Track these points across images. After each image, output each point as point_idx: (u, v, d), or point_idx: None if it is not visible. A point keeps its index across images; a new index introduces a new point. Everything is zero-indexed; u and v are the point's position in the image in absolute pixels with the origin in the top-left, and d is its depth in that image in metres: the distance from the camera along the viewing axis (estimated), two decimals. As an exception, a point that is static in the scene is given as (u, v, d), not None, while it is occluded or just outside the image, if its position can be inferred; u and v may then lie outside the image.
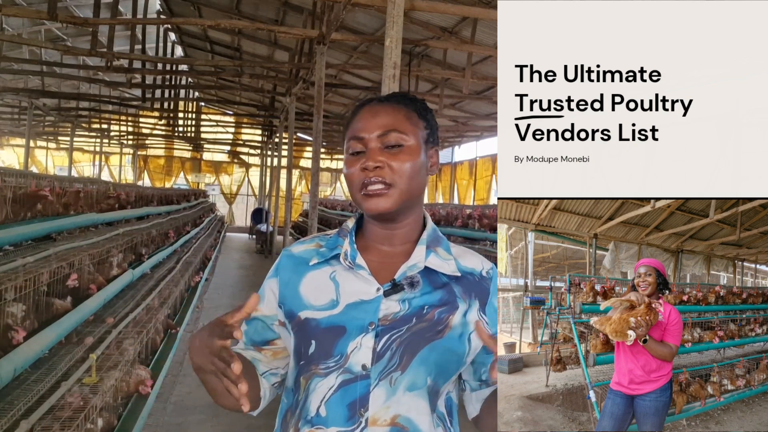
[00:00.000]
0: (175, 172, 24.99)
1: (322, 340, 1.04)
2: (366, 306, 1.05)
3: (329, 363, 1.03)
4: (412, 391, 1.02)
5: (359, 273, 1.08)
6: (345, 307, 1.06)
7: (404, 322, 1.04)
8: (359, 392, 1.01)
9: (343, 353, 1.03)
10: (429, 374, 1.03)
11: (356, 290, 1.07)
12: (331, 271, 1.10)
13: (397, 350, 1.02)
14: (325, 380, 1.03)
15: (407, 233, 1.12)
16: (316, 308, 1.07)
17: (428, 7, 5.39)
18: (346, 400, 1.01)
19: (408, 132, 1.09)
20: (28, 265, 3.44)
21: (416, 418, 1.02)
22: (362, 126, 1.09)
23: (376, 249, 1.13)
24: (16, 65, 12.37)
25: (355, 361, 1.02)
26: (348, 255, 1.10)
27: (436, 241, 1.13)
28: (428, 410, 1.03)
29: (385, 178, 1.05)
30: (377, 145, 1.07)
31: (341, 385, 1.02)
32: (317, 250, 1.14)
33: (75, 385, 3.26)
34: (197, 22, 8.49)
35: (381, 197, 1.05)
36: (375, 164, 1.05)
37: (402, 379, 1.02)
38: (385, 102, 1.12)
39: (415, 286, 1.06)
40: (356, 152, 1.08)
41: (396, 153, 1.07)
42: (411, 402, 1.02)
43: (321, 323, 1.05)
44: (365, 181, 1.05)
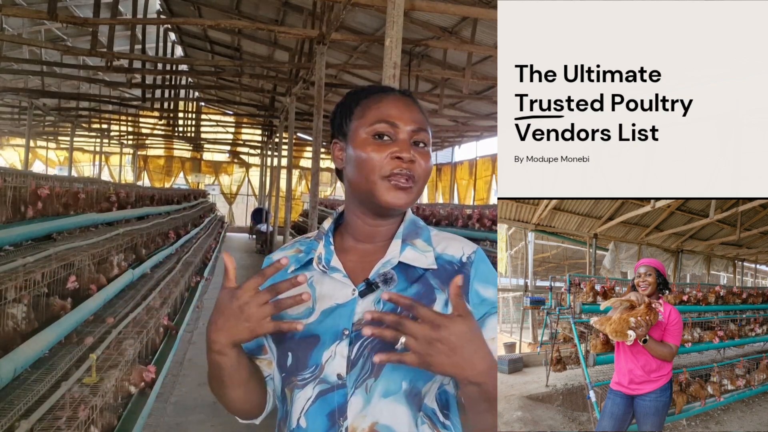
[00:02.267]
0: (175, 172, 24.98)
1: (297, 351, 1.03)
2: (341, 311, 1.03)
3: (305, 374, 1.01)
4: (388, 397, 0.99)
5: (334, 276, 1.06)
6: (320, 315, 1.03)
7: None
8: (337, 401, 0.99)
9: (317, 364, 1.01)
10: (404, 378, 0.99)
11: (332, 294, 1.05)
12: (309, 277, 1.07)
13: (369, 356, 0.99)
14: (303, 391, 1.01)
15: (390, 229, 1.10)
16: (293, 318, 1.04)
17: (428, 7, 5.39)
18: (325, 410, 0.99)
19: (428, 134, 1.08)
20: (27, 265, 3.44)
21: (394, 424, 0.99)
22: (397, 114, 1.05)
23: (355, 248, 1.10)
24: (16, 65, 12.36)
25: (331, 371, 1.00)
26: (322, 258, 1.08)
27: (414, 234, 1.10)
28: (407, 413, 0.99)
29: (414, 174, 1.03)
30: (408, 138, 1.04)
31: (319, 395, 1.00)
32: (296, 255, 1.11)
33: (75, 385, 3.27)
34: (197, 22, 8.49)
35: (404, 191, 1.03)
36: (411, 157, 1.02)
37: (376, 386, 0.99)
38: (409, 98, 1.10)
39: (389, 283, 1.03)
40: (381, 135, 1.04)
41: (422, 152, 1.05)
42: (387, 408, 0.99)
43: (296, 334, 1.03)
44: (396, 171, 1.02)
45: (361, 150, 1.04)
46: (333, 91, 13.89)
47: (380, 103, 1.07)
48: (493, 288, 1.08)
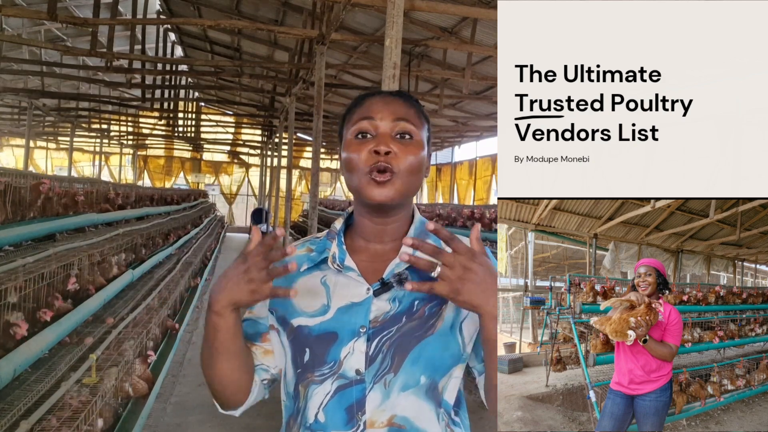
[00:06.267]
0: (175, 172, 24.98)
1: (315, 348, 1.05)
2: (357, 309, 1.05)
3: (324, 370, 1.04)
4: (406, 391, 1.02)
5: (348, 275, 1.08)
6: (336, 312, 1.06)
7: (394, 322, 1.04)
8: (356, 396, 1.01)
9: (336, 359, 1.03)
10: (422, 372, 1.02)
11: (347, 293, 1.07)
12: (322, 276, 1.10)
13: (387, 352, 1.02)
14: (321, 387, 1.03)
15: (397, 229, 1.12)
16: (308, 315, 1.07)
17: (428, 7, 5.39)
18: (344, 404, 1.02)
19: (417, 126, 1.09)
20: (27, 265, 3.44)
21: (413, 417, 1.02)
22: (375, 109, 1.07)
23: (366, 248, 1.12)
24: (16, 65, 12.36)
25: (349, 367, 1.02)
26: (336, 257, 1.10)
27: (424, 234, 1.12)
28: (426, 407, 1.03)
29: (393, 166, 1.04)
30: (388, 130, 1.06)
31: (337, 390, 1.02)
32: (308, 255, 1.13)
33: (75, 385, 3.26)
34: (197, 22, 8.49)
35: (385, 186, 1.04)
36: (387, 149, 1.04)
37: (395, 381, 1.02)
38: (396, 95, 1.12)
39: (404, 283, 1.05)
40: (363, 134, 1.06)
41: (406, 144, 1.06)
42: (406, 402, 1.01)
43: (313, 330, 1.06)
44: (374, 165, 1.04)
45: (347, 151, 1.08)
46: (333, 91, 13.90)
47: (364, 104, 1.10)
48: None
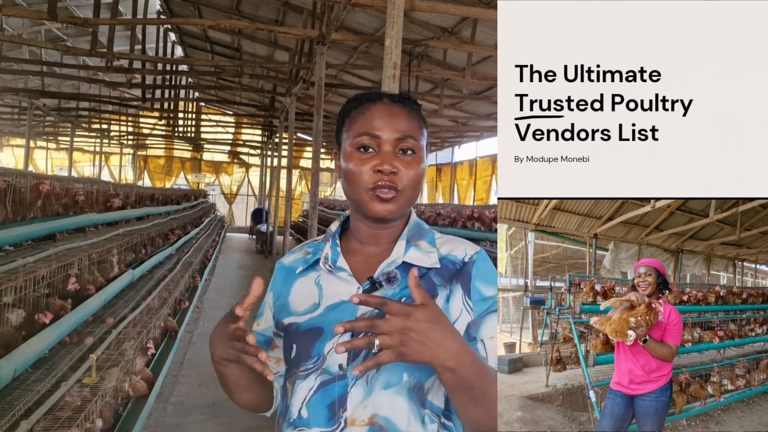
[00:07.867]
0: (175, 172, 24.97)
1: (302, 343, 1.07)
2: (345, 307, 1.06)
3: (308, 365, 1.05)
4: (388, 389, 1.01)
5: (340, 275, 1.10)
6: (325, 309, 1.08)
7: None
8: (338, 392, 1.02)
9: (320, 354, 1.04)
10: (405, 370, 1.02)
11: (337, 292, 1.08)
12: (316, 276, 1.12)
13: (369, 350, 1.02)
14: (305, 382, 1.04)
15: (393, 232, 1.13)
16: (299, 313, 1.09)
17: (428, 7, 5.39)
18: (326, 400, 1.02)
19: (420, 139, 1.09)
20: (27, 265, 3.44)
21: (394, 417, 1.01)
22: (380, 125, 1.07)
23: (362, 250, 1.14)
24: (16, 65, 12.36)
25: (332, 362, 1.03)
26: (329, 259, 1.12)
27: (419, 235, 1.13)
28: (409, 407, 1.01)
29: (397, 184, 1.05)
30: (392, 148, 1.06)
31: (320, 386, 1.03)
32: (305, 257, 1.16)
33: (75, 385, 3.26)
34: (197, 22, 8.49)
35: (389, 202, 1.06)
36: (392, 169, 1.05)
37: (378, 377, 1.02)
38: (399, 104, 1.10)
39: (393, 282, 1.06)
40: (365, 148, 1.06)
41: (410, 160, 1.07)
42: (388, 400, 1.01)
43: (301, 326, 1.08)
44: (378, 183, 1.05)
45: (348, 163, 1.08)
46: (333, 91, 13.89)
47: (365, 114, 1.09)
48: (494, 287, 1.10)
